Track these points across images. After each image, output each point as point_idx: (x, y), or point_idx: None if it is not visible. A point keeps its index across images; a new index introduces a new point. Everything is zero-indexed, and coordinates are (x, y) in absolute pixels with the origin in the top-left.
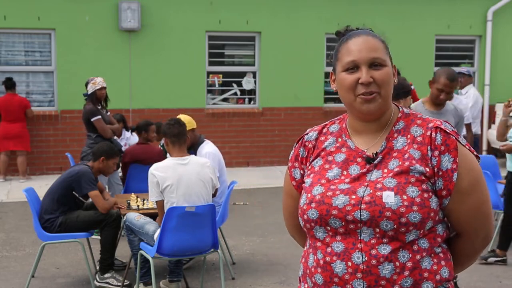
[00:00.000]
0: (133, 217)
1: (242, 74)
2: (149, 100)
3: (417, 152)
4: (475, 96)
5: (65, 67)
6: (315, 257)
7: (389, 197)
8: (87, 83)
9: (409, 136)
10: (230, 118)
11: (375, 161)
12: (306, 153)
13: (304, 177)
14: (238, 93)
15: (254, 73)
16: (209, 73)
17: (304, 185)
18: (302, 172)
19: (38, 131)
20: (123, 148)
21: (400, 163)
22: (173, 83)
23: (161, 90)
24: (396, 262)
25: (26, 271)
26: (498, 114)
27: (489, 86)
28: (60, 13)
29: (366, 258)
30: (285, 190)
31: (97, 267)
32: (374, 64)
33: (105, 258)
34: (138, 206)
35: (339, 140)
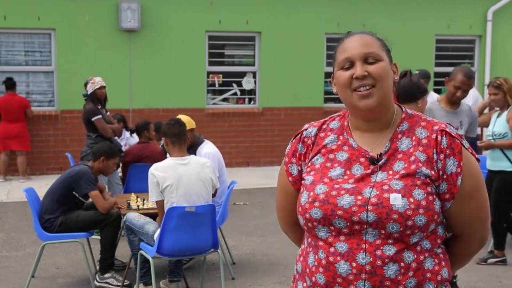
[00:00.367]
0: (133, 217)
1: (242, 74)
2: (149, 100)
3: (422, 154)
4: (475, 96)
5: (65, 67)
6: (316, 257)
7: (396, 199)
8: (86, 84)
9: (414, 138)
10: (230, 118)
11: (380, 162)
12: (305, 149)
13: (303, 174)
14: (238, 93)
15: (254, 73)
16: (209, 73)
17: (304, 182)
18: (300, 169)
19: (38, 131)
20: (123, 148)
21: (406, 165)
22: (173, 83)
23: (161, 90)
24: (401, 263)
25: (26, 271)
26: None
27: None
28: (60, 13)
29: (371, 258)
30: (279, 186)
31: (97, 267)
32: (369, 59)
33: (105, 258)
34: (138, 206)
35: (341, 138)
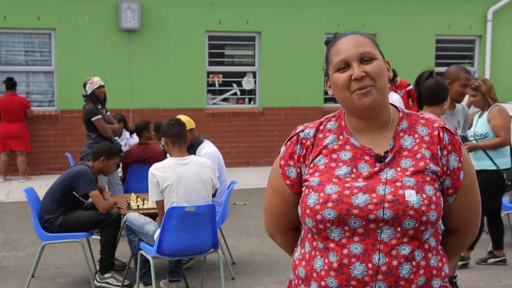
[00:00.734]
0: (133, 217)
1: (242, 74)
2: (149, 100)
3: (427, 151)
4: None
5: (65, 67)
6: (326, 260)
7: (411, 195)
8: (84, 84)
9: (417, 136)
10: (230, 118)
11: (386, 160)
12: (304, 151)
13: (305, 176)
14: (238, 93)
15: (254, 73)
16: (209, 73)
17: (309, 184)
18: (299, 171)
19: (38, 131)
20: (123, 148)
21: (414, 162)
22: (173, 83)
23: (161, 90)
24: (413, 262)
25: (26, 271)
26: None
27: None
28: (60, 13)
29: (387, 259)
30: (272, 188)
31: (97, 267)
32: (365, 59)
33: (105, 258)
34: (138, 206)
35: (341, 137)
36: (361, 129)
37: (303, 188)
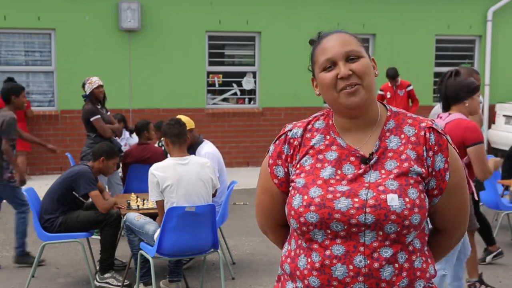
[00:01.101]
0: (133, 217)
1: (242, 74)
2: (149, 100)
3: (413, 152)
4: None
5: (65, 67)
6: (309, 260)
7: (393, 200)
8: (83, 85)
9: (403, 136)
10: (230, 118)
11: (371, 162)
12: (292, 151)
13: (292, 176)
14: (238, 93)
15: (254, 73)
16: (209, 73)
17: (295, 185)
18: (286, 171)
19: (38, 131)
20: (123, 148)
21: (398, 164)
22: (173, 83)
23: (161, 90)
24: (396, 264)
25: (26, 271)
26: (498, 114)
27: (489, 86)
28: (60, 13)
29: (368, 261)
30: (261, 187)
31: (97, 267)
32: (351, 58)
33: (105, 258)
34: (138, 206)
35: (327, 137)
36: (348, 129)
37: (290, 188)
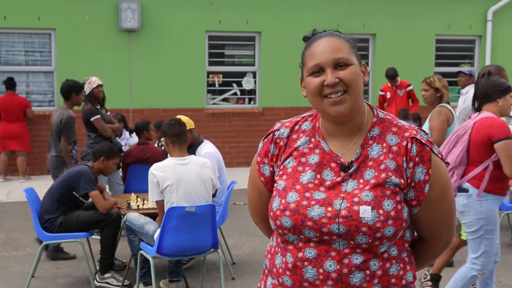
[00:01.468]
0: (133, 217)
1: (242, 74)
2: (149, 100)
3: (392, 162)
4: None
5: (65, 67)
6: (283, 259)
7: (366, 212)
8: (83, 84)
9: (385, 145)
10: (230, 118)
11: (350, 170)
12: (277, 151)
13: (276, 177)
14: (238, 93)
15: (254, 73)
16: (209, 73)
17: (276, 186)
18: (272, 169)
19: (38, 131)
20: (123, 148)
21: (376, 174)
22: (173, 83)
23: (161, 90)
24: (367, 271)
25: (26, 271)
26: None
27: None
28: (60, 13)
29: (338, 266)
30: (251, 182)
31: (97, 267)
32: (339, 65)
33: (105, 258)
34: (138, 206)
35: (312, 140)
36: (333, 133)
37: (274, 189)
